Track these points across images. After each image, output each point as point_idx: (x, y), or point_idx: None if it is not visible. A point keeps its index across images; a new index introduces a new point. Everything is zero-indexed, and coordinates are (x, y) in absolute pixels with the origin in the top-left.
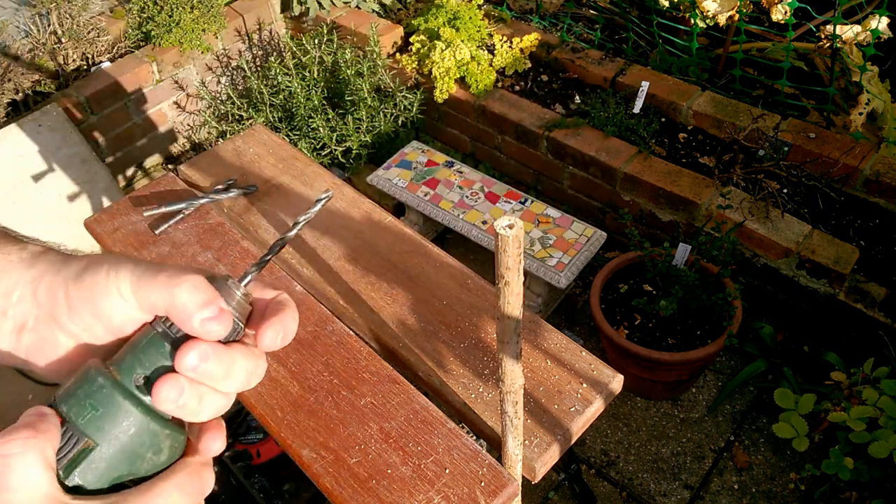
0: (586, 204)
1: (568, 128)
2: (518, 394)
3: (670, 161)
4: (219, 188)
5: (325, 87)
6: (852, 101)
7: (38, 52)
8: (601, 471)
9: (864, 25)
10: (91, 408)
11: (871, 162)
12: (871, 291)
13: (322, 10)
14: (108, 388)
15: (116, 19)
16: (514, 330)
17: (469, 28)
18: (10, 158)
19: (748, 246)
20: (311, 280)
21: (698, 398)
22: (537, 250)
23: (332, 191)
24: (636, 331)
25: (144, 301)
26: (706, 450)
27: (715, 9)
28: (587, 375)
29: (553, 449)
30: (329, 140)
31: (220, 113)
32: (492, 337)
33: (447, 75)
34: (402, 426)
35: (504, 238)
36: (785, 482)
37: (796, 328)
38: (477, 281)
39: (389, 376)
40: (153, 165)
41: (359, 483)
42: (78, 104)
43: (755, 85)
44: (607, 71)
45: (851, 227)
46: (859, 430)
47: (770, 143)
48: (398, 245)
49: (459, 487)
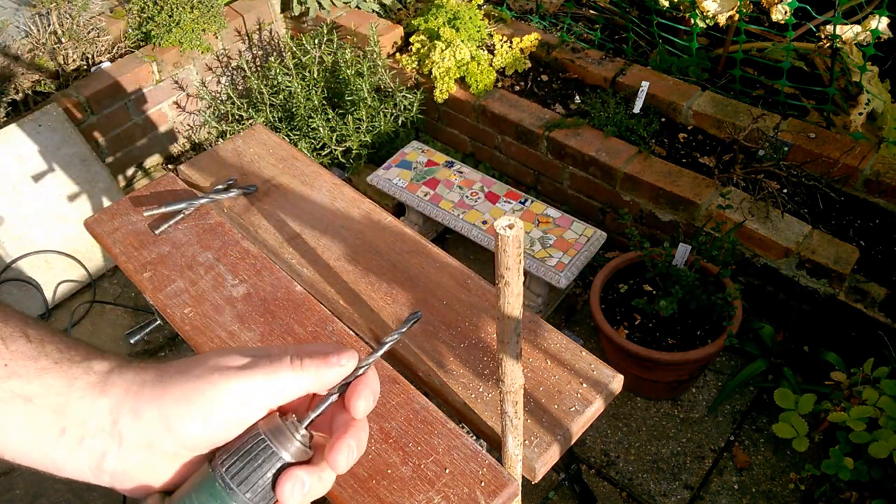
0: (586, 204)
1: (568, 128)
2: (518, 394)
3: (670, 161)
4: (219, 188)
5: (325, 87)
6: (852, 101)
7: (38, 52)
8: (601, 471)
9: (864, 25)
10: None
11: (871, 162)
12: (871, 291)
13: (322, 10)
14: None
15: (116, 19)
16: (514, 330)
17: (469, 28)
18: (10, 158)
19: (748, 246)
20: (311, 280)
21: (698, 398)
22: (537, 250)
23: (421, 312)
24: (636, 331)
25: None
26: (706, 450)
27: (715, 9)
28: (587, 375)
29: (553, 449)
30: (329, 140)
31: (220, 113)
32: (492, 337)
33: (447, 75)
34: (402, 426)
35: (504, 238)
36: (785, 482)
37: (796, 328)
38: (477, 281)
39: (389, 376)
40: (153, 165)
41: (359, 483)
42: (78, 104)
43: (755, 85)
44: (607, 71)
45: (851, 227)
46: (859, 430)
47: (770, 143)
48: (398, 245)
49: (459, 487)
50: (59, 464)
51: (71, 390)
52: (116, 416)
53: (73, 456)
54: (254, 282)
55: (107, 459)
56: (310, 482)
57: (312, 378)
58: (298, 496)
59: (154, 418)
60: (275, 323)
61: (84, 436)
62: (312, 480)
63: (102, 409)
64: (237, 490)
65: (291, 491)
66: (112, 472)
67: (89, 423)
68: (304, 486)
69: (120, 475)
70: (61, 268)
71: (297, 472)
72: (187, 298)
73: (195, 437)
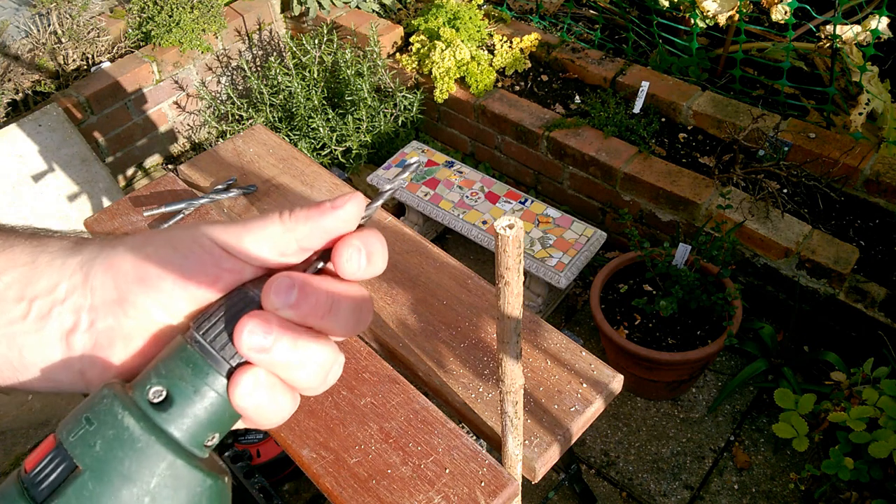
0: (586, 204)
1: (568, 128)
2: (518, 394)
3: (670, 161)
4: (219, 188)
5: (325, 87)
6: (852, 101)
7: (38, 52)
8: (601, 471)
9: (864, 25)
10: (86, 422)
11: (871, 162)
12: (871, 291)
13: (322, 10)
14: (111, 398)
15: (116, 19)
16: (514, 330)
17: (469, 28)
18: (10, 158)
19: (748, 246)
20: None
21: (698, 398)
22: (537, 250)
23: (421, 160)
24: (636, 331)
25: (254, 245)
26: (706, 450)
27: (715, 9)
28: (587, 375)
29: (553, 449)
30: (329, 140)
31: (220, 113)
32: (492, 337)
33: (447, 75)
34: (402, 426)
35: (504, 238)
36: (785, 482)
37: (796, 328)
38: (477, 281)
39: (389, 376)
40: (153, 165)
41: (359, 483)
42: (78, 104)
43: (755, 85)
44: (607, 71)
45: (851, 227)
46: (859, 430)
47: (770, 143)
48: (398, 245)
49: (459, 487)
50: (25, 352)
51: (40, 254)
52: (88, 270)
53: (39, 336)
54: None
55: (78, 331)
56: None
57: (306, 229)
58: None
59: (129, 269)
60: None
61: (53, 304)
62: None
63: (73, 266)
64: (216, 352)
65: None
66: (82, 351)
67: (60, 286)
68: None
69: (89, 357)
70: None
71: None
72: None
73: (171, 292)
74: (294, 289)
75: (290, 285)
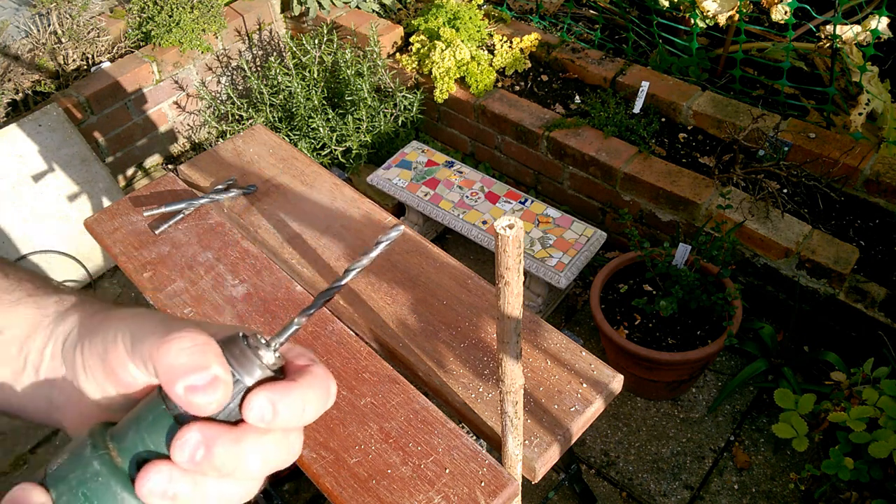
0: (586, 204)
1: (568, 128)
2: (518, 394)
3: (670, 161)
4: (219, 188)
5: (325, 87)
6: (852, 101)
7: (38, 52)
8: (601, 471)
9: (864, 25)
10: (84, 499)
11: (871, 162)
12: (871, 291)
13: (322, 10)
14: (105, 476)
15: (116, 19)
16: (514, 330)
17: (469, 28)
18: (10, 158)
19: (748, 246)
20: (311, 280)
21: (698, 398)
22: (537, 250)
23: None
24: (636, 331)
25: (140, 361)
26: (706, 450)
27: (715, 9)
28: (587, 375)
29: (553, 449)
30: (329, 140)
31: (220, 113)
32: (492, 337)
33: (447, 75)
34: (402, 426)
35: (504, 238)
36: (785, 482)
37: (796, 328)
38: (477, 281)
39: (389, 376)
40: (153, 165)
41: (359, 483)
42: (78, 104)
43: (755, 85)
44: (607, 71)
45: (851, 227)
46: (859, 430)
47: (770, 143)
48: (398, 245)
49: (459, 487)
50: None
51: (41, 319)
52: (62, 345)
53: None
54: (254, 282)
55: (56, 387)
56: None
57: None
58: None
59: (112, 330)
60: (275, 323)
61: (40, 364)
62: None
63: (57, 334)
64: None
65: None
66: (58, 403)
67: (45, 350)
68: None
69: (62, 408)
70: (61, 268)
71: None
72: (187, 298)
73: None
74: (200, 448)
75: (198, 444)
